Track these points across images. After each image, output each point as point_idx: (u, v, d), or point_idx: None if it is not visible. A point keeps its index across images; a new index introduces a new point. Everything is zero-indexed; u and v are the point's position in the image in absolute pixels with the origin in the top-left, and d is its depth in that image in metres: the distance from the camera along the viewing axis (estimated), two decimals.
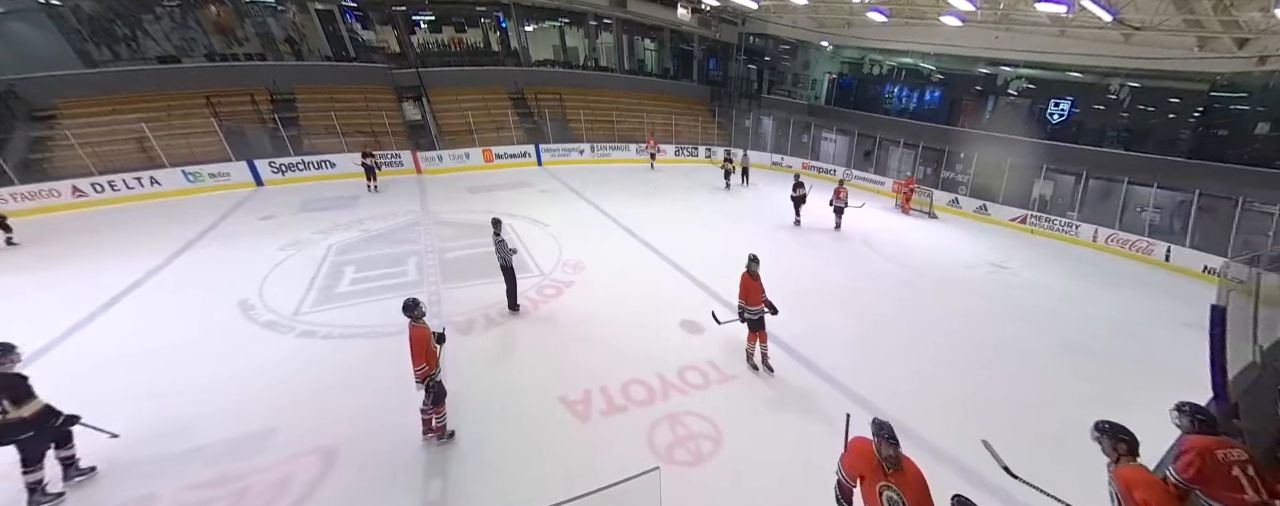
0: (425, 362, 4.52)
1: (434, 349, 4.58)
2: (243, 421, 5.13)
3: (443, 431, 4.88)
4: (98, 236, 10.73)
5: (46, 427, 3.98)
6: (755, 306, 5.88)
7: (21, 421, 3.83)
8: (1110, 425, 2.80)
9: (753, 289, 5.87)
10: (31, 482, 3.93)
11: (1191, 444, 2.80)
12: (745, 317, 5.96)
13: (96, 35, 16.20)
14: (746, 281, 5.89)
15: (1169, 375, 6.32)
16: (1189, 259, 11.19)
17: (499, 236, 7.17)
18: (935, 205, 15.43)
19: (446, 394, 4.84)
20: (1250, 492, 2.65)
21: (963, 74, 19.12)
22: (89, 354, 6.34)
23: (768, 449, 4.91)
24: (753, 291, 5.87)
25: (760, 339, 6.07)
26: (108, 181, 13.05)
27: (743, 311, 5.96)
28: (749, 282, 5.88)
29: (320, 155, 15.92)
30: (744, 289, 5.89)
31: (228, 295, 7.92)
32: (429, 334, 4.57)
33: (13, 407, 3.80)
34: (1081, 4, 11.52)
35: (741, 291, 5.90)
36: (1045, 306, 8.80)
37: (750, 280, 5.88)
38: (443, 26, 21.91)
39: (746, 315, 5.93)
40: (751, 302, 5.88)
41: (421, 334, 4.51)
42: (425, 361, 4.52)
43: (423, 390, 4.65)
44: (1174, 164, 13.50)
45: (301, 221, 11.78)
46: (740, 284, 5.90)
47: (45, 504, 3.99)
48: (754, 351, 6.17)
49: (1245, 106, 13.75)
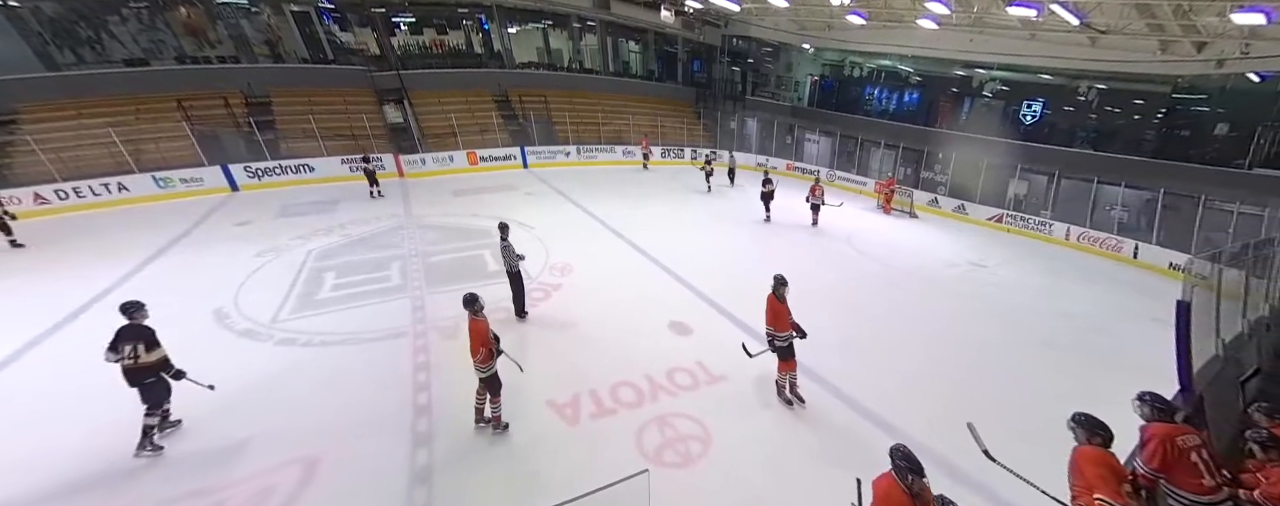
0: (485, 350, 4.68)
1: (491, 341, 4.74)
2: (219, 433, 4.98)
3: (498, 421, 5.05)
4: (62, 244, 10.31)
5: (164, 375, 4.65)
6: (784, 332, 5.37)
7: (149, 366, 4.54)
8: (1087, 418, 2.89)
9: (781, 313, 5.33)
10: (148, 426, 4.62)
11: (1153, 432, 2.92)
12: (776, 346, 5.42)
13: (59, 38, 15.61)
14: (773, 305, 5.33)
15: (1140, 369, 6.54)
16: (1156, 256, 11.62)
17: (505, 241, 7.01)
18: (916, 205, 15.75)
19: (501, 385, 4.95)
20: (1207, 478, 2.79)
21: (940, 76, 19.58)
22: (52, 367, 6.10)
23: (756, 450, 4.95)
24: (781, 316, 5.33)
25: (790, 368, 5.55)
26: (72, 188, 12.57)
27: (773, 340, 5.40)
28: (776, 306, 5.33)
29: (298, 159, 15.58)
30: (771, 313, 5.35)
31: (202, 303, 7.69)
32: (488, 326, 4.73)
33: (145, 353, 4.51)
34: (1051, 8, 11.92)
35: (768, 316, 5.37)
36: (1022, 304, 9.04)
37: (777, 304, 5.32)
38: (424, 28, 21.64)
39: (777, 343, 5.40)
40: (780, 328, 5.35)
41: (480, 326, 4.70)
42: (485, 350, 4.68)
43: (480, 380, 4.86)
44: (1140, 163, 14.00)
45: (279, 227, 11.50)
46: (767, 308, 5.36)
47: (149, 450, 4.63)
48: (784, 383, 5.64)
49: (1205, 108, 14.35)
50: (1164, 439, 2.85)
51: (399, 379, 5.94)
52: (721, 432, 5.13)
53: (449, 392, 5.67)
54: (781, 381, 5.66)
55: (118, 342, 4.46)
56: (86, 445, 4.79)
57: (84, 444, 4.81)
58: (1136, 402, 3.15)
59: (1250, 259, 6.30)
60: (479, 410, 5.05)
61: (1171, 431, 2.90)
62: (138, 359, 4.49)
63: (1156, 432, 2.91)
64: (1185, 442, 2.86)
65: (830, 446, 5.05)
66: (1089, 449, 2.79)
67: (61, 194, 12.45)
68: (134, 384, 4.54)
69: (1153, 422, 3.02)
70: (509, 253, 6.98)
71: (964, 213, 15.31)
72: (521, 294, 7.36)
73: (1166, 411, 3.04)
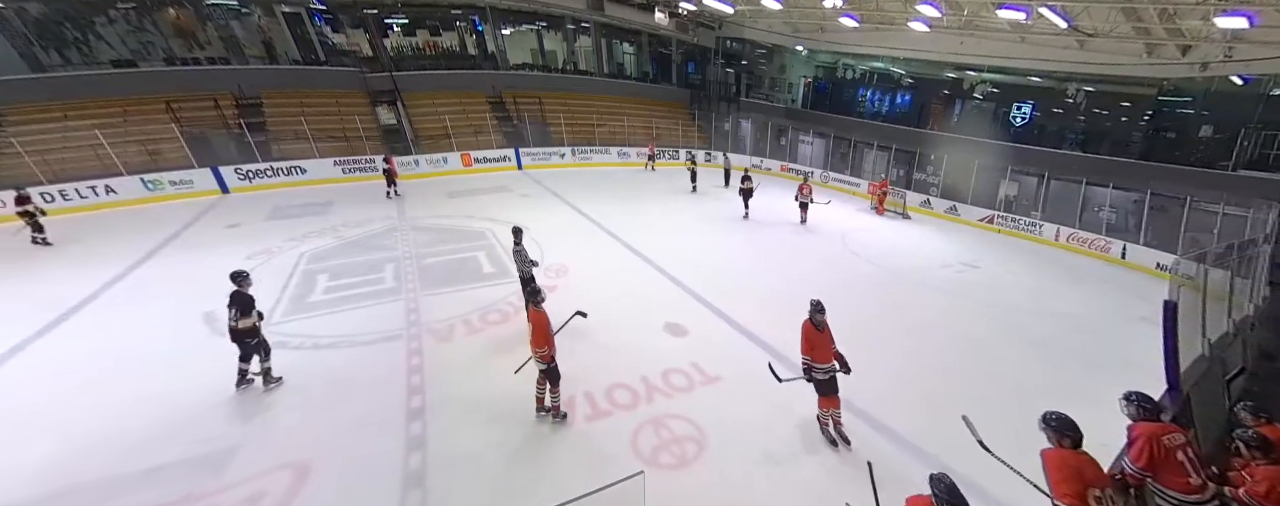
0: (546, 345, 4.80)
1: (552, 334, 4.86)
2: (209, 437, 4.93)
3: (557, 410, 5.18)
4: (48, 248, 10.16)
5: (257, 337, 5.59)
6: (825, 363, 4.82)
7: (247, 329, 5.47)
8: (1058, 419, 2.84)
9: (819, 343, 4.78)
10: (242, 369, 5.69)
11: (1140, 431, 2.94)
12: (813, 377, 4.86)
13: (45, 39, 15.40)
14: (810, 333, 4.80)
15: (1128, 368, 6.65)
16: (1143, 256, 11.78)
17: (519, 246, 6.82)
18: (908, 206, 15.88)
19: (560, 376, 5.08)
20: (1194, 476, 2.81)
21: (931, 78, 19.78)
22: (38, 371, 6.00)
23: (752, 451, 4.95)
24: (820, 345, 4.79)
25: (832, 404, 4.95)
26: (59, 190, 12.39)
27: (809, 370, 4.84)
28: (813, 334, 4.80)
29: (290, 161, 15.45)
30: (807, 342, 4.82)
31: (193, 306, 7.59)
32: (548, 319, 4.85)
33: (241, 319, 5.35)
34: (1039, 11, 12.08)
35: (805, 345, 4.83)
36: (1013, 303, 9.14)
37: (814, 331, 4.79)
38: (417, 30, 21.57)
39: (815, 374, 4.84)
40: (819, 359, 4.81)
41: (542, 318, 4.82)
42: (546, 344, 4.80)
43: (540, 371, 5.01)
44: (1127, 165, 14.20)
45: (271, 229, 11.39)
46: (802, 336, 4.83)
47: (243, 385, 5.71)
48: (826, 420, 5.07)
49: (1190, 110, 14.60)
50: (1150, 438, 2.87)
51: (392, 381, 5.90)
52: (717, 434, 5.14)
53: (442, 395, 5.65)
54: (823, 418, 5.09)
55: (230, 306, 5.43)
56: (74, 450, 4.72)
57: (72, 449, 4.74)
58: (1123, 402, 3.17)
59: (1235, 259, 6.42)
60: (539, 399, 5.21)
61: (1157, 430, 2.92)
62: (236, 323, 5.41)
63: (1143, 432, 2.93)
64: (1171, 441, 2.87)
65: (824, 447, 5.07)
66: (1054, 452, 2.77)
67: (47, 197, 12.25)
68: (233, 340, 5.57)
69: (1139, 422, 3.04)
70: (522, 258, 6.81)
71: (956, 213, 15.45)
72: None
73: (1153, 411, 3.07)
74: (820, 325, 4.81)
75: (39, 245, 10.22)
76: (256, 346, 5.61)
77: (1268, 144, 12.59)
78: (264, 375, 5.73)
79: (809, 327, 4.83)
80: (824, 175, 19.24)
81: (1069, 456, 2.73)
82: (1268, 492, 2.83)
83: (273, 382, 5.77)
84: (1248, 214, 11.10)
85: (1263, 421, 3.34)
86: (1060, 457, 2.72)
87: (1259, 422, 3.33)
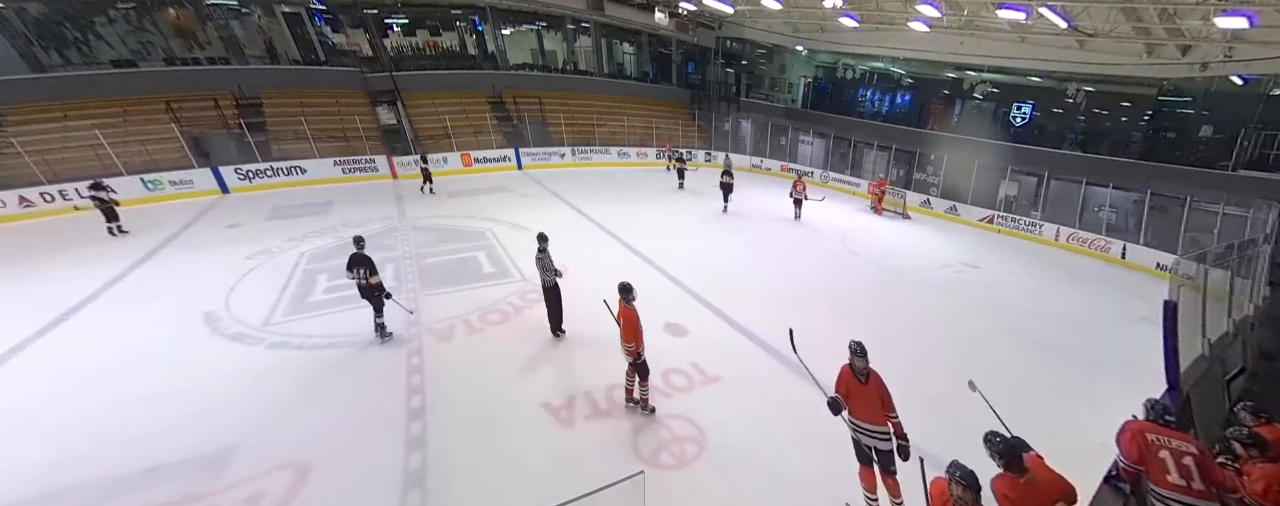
0: (634, 340, 4.95)
1: (641, 330, 4.98)
2: (209, 437, 4.92)
3: (645, 402, 5.33)
4: (48, 247, 10.16)
5: (382, 292, 6.51)
6: (877, 426, 3.66)
7: (375, 286, 6.41)
8: (1001, 440, 2.81)
9: (866, 397, 3.63)
10: (378, 323, 6.66)
11: (1129, 426, 3.03)
12: (864, 445, 3.74)
13: (45, 39, 15.40)
14: (849, 381, 3.68)
15: (1128, 369, 6.65)
16: (1143, 256, 11.78)
17: (543, 252, 6.50)
18: (908, 206, 15.88)
19: (650, 371, 5.24)
20: (1174, 475, 2.80)
21: (931, 78, 19.78)
22: (38, 371, 6.00)
23: (752, 451, 4.95)
24: (866, 401, 3.64)
25: (888, 486, 3.76)
26: (58, 190, 12.39)
27: (858, 435, 3.73)
28: (854, 385, 3.65)
29: (290, 161, 15.45)
30: (846, 389, 3.68)
31: (193, 306, 7.60)
32: (638, 315, 4.99)
33: (369, 277, 6.35)
34: (1039, 11, 12.08)
35: (841, 387, 3.71)
36: (1013, 303, 9.13)
37: (857, 383, 3.64)
38: (417, 30, 21.57)
39: (862, 438, 3.73)
40: (869, 418, 3.65)
41: (632, 314, 4.97)
42: (634, 340, 4.95)
43: (629, 365, 5.14)
44: (1127, 165, 14.20)
45: (271, 229, 11.39)
46: (839, 382, 3.73)
47: (382, 337, 6.70)
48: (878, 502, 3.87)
49: (1190, 111, 14.60)
50: (1136, 432, 2.94)
51: (392, 382, 5.90)
52: (717, 434, 5.14)
53: (442, 395, 5.65)
54: (871, 496, 3.89)
55: (351, 267, 6.34)
56: (74, 450, 4.72)
57: (72, 449, 4.73)
58: (1144, 407, 3.19)
59: (1235, 259, 6.42)
60: (629, 391, 5.39)
61: (1146, 427, 2.98)
62: (367, 280, 6.35)
63: (1131, 426, 3.01)
64: (1156, 441, 2.90)
65: (824, 447, 5.06)
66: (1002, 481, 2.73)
67: (47, 197, 12.27)
68: (364, 297, 6.49)
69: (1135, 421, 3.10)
70: (545, 265, 6.47)
71: (956, 213, 15.45)
72: (559, 310, 6.88)
73: (1161, 418, 3.07)
74: (863, 372, 3.66)
75: (114, 235, 10.61)
76: (378, 301, 6.50)
77: (1268, 144, 12.59)
78: (380, 329, 6.69)
79: (847, 375, 3.73)
80: (824, 175, 19.24)
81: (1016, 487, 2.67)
82: (1265, 491, 2.83)
83: (387, 335, 6.72)
84: (1248, 214, 11.10)
85: (1263, 421, 3.34)
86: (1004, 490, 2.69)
87: (1259, 423, 3.33)
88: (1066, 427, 5.14)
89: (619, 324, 5.07)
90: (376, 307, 6.57)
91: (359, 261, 6.34)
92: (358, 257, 6.36)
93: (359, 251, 6.41)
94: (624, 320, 4.95)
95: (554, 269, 6.59)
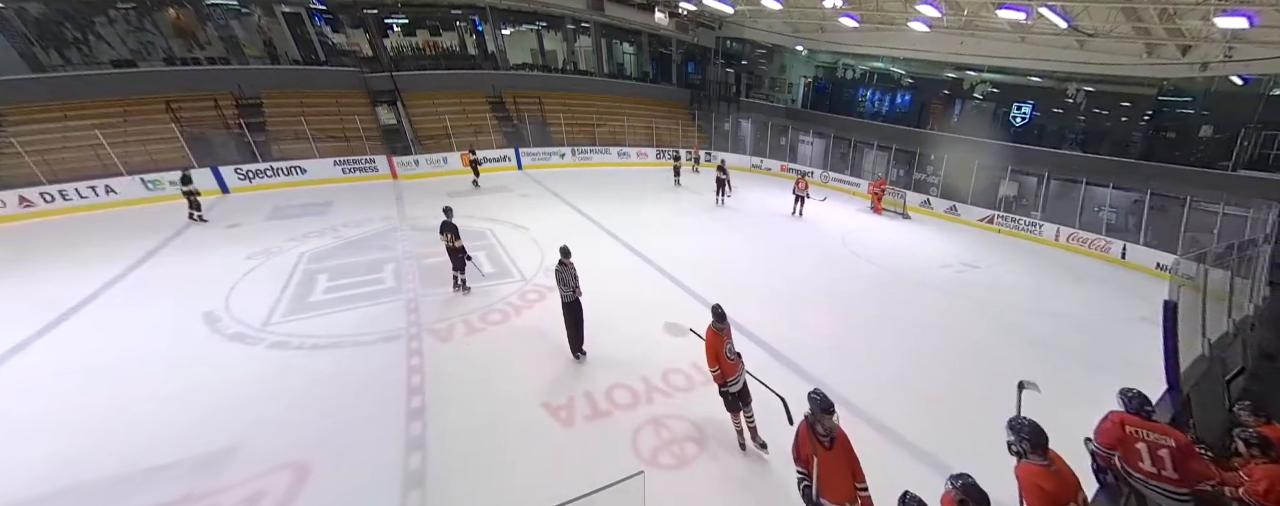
0: (715, 365, 4.53)
1: (719, 354, 4.48)
2: (209, 438, 4.92)
3: (754, 433, 4.81)
4: (47, 247, 10.16)
5: (464, 254, 8.03)
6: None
7: (458, 249, 7.94)
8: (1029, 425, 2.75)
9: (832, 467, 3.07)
10: (461, 278, 8.18)
11: (1110, 416, 3.23)
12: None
13: (45, 39, 15.40)
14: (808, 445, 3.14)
15: (1128, 369, 6.62)
16: (1143, 256, 11.78)
17: (565, 265, 5.94)
18: (908, 206, 15.88)
19: (734, 404, 4.67)
20: (1146, 463, 3.00)
21: (931, 78, 19.78)
22: (38, 371, 5.99)
23: (752, 450, 4.95)
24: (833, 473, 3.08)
25: None
26: (58, 190, 12.38)
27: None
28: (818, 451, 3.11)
29: (290, 161, 15.44)
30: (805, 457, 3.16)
31: (193, 306, 7.60)
32: (715, 337, 4.50)
33: (454, 240, 7.85)
34: (1039, 11, 12.08)
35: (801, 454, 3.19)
36: (1013, 304, 9.13)
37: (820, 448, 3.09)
38: (417, 30, 21.56)
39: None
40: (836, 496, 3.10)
41: (710, 336, 4.53)
42: (715, 364, 4.53)
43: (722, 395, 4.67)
44: (1127, 165, 14.21)
45: (271, 229, 11.39)
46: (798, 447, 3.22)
47: (461, 290, 8.23)
48: None
49: (1190, 111, 14.59)
50: (1116, 423, 3.14)
51: (392, 382, 5.90)
52: (717, 434, 5.13)
53: (442, 395, 5.65)
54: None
55: (443, 231, 7.82)
56: (74, 450, 4.72)
57: (72, 449, 4.73)
58: (1119, 396, 3.33)
59: (1235, 259, 6.42)
60: (738, 431, 4.91)
61: (1125, 418, 3.14)
62: (453, 243, 7.87)
63: (1112, 416, 3.20)
64: (1134, 432, 3.05)
65: None
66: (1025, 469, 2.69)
67: (47, 197, 12.26)
68: (450, 257, 8.02)
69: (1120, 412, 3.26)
70: (566, 279, 5.95)
71: (956, 213, 15.45)
72: (579, 329, 6.30)
73: (1139, 409, 3.20)
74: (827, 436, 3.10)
75: (195, 222, 11.69)
76: (461, 262, 7.96)
77: (1268, 144, 12.59)
78: (462, 284, 8.14)
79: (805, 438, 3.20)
80: (823, 175, 19.24)
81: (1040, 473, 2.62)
82: (1267, 491, 2.83)
83: (466, 289, 8.17)
84: (1248, 214, 11.11)
85: (1262, 421, 3.34)
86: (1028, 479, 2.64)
87: (1259, 422, 3.33)
88: (1066, 428, 5.10)
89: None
90: (458, 266, 8.01)
91: (447, 228, 7.78)
92: (446, 224, 7.82)
93: (448, 219, 7.86)
94: (706, 343, 4.54)
95: (575, 285, 6.05)
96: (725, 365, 4.50)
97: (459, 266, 7.99)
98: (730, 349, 4.63)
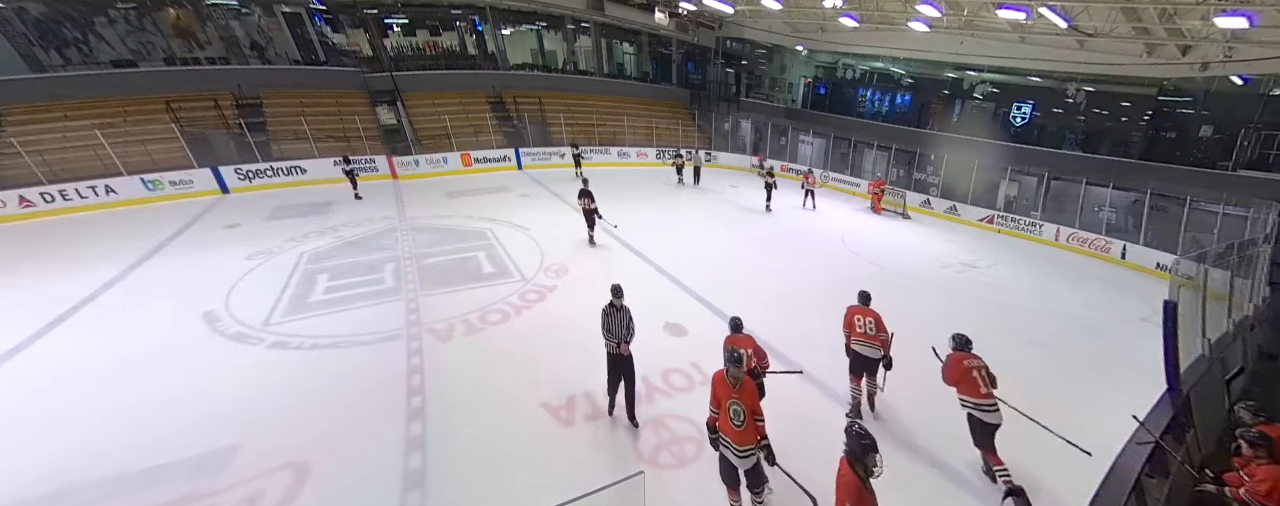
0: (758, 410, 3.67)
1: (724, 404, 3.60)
2: (208, 437, 4.92)
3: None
4: (47, 247, 10.17)
5: (597, 215, 10.28)
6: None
7: (592, 211, 10.16)
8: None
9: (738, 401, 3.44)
10: (591, 236, 10.70)
11: (950, 358, 4.49)
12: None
13: (45, 39, 15.40)
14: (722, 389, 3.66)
15: (1129, 368, 6.64)
16: (1143, 256, 11.77)
17: (616, 307, 4.87)
18: (908, 206, 15.88)
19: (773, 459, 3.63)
20: (983, 387, 4.21)
21: (931, 78, 19.77)
22: (38, 372, 6.00)
23: None
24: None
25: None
26: (58, 191, 12.38)
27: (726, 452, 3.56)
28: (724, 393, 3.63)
29: (290, 161, 15.45)
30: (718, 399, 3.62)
31: (192, 306, 7.60)
32: (752, 385, 3.76)
33: (591, 203, 10.21)
34: (1039, 11, 12.08)
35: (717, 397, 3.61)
36: (1013, 304, 9.13)
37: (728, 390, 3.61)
38: (417, 30, 21.56)
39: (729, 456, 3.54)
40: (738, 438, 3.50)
41: (746, 383, 3.69)
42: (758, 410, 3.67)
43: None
44: (1127, 165, 14.20)
45: (271, 229, 11.39)
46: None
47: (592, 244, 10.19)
48: None
49: (1190, 111, 14.59)
50: (954, 362, 4.37)
51: (392, 382, 5.90)
52: None
53: (442, 395, 5.65)
54: None
55: (581, 197, 10.26)
56: (74, 450, 4.72)
57: (71, 449, 4.73)
58: (950, 341, 4.54)
59: (1235, 259, 6.42)
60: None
61: (961, 357, 4.36)
62: (589, 207, 10.16)
63: (951, 358, 4.45)
64: (969, 364, 4.30)
65: (824, 446, 5.06)
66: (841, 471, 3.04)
67: (47, 197, 12.27)
68: (585, 215, 10.36)
69: (953, 353, 4.46)
70: (614, 322, 4.85)
71: (955, 213, 15.45)
72: (630, 387, 5.05)
73: (964, 345, 4.49)
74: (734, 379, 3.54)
75: (358, 199, 13.76)
76: (592, 222, 10.28)
77: (1268, 144, 12.58)
78: (591, 239, 10.36)
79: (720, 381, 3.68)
80: (823, 175, 19.23)
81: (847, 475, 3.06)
82: (1269, 492, 2.83)
83: (593, 244, 10.40)
84: (1248, 214, 11.10)
85: (1263, 421, 3.34)
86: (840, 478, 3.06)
87: (1259, 422, 3.33)
88: (1066, 428, 5.14)
89: None
90: (590, 224, 10.36)
91: (583, 194, 10.24)
92: (583, 192, 10.27)
93: (584, 188, 10.35)
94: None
95: (623, 334, 4.87)
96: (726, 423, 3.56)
97: (591, 224, 10.33)
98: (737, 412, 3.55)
